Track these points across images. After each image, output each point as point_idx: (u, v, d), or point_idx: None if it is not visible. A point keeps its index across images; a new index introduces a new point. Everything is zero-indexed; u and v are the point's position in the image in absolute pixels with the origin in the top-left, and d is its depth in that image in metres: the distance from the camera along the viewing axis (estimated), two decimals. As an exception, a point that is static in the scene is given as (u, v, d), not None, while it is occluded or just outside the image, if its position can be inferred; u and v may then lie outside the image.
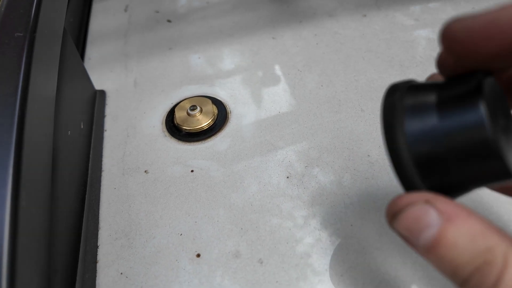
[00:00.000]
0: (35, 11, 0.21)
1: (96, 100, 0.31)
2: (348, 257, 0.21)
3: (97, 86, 0.32)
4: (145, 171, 0.26)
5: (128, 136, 0.28)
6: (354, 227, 0.22)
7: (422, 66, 0.30)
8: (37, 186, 0.18)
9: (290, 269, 0.21)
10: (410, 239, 0.13)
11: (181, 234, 0.23)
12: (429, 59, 0.31)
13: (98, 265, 0.22)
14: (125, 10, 0.42)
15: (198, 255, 0.22)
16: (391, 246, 0.21)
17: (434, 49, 0.31)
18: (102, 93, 0.32)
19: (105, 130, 0.29)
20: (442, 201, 0.12)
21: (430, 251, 0.12)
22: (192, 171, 0.25)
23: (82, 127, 0.27)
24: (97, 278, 0.21)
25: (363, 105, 0.28)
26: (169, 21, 0.39)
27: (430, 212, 0.12)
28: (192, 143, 0.27)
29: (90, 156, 0.26)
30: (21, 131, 0.17)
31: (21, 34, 0.19)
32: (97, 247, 0.23)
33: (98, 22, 0.41)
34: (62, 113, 0.24)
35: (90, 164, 0.26)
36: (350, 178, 0.24)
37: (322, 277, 0.20)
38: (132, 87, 0.32)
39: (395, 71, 0.30)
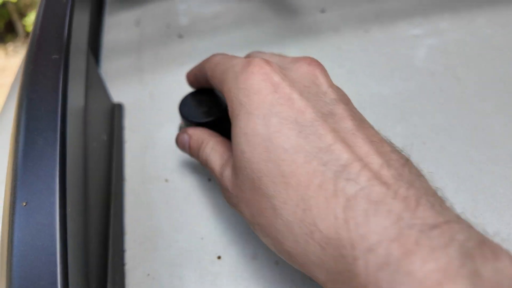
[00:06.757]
0: (68, 33, 0.23)
1: (115, 113, 0.33)
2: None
3: (114, 99, 0.34)
4: (165, 180, 0.28)
5: (147, 147, 0.30)
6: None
7: (422, 78, 0.32)
8: (76, 194, 0.20)
9: (304, 269, 0.22)
10: (186, 151, 0.25)
11: (202, 238, 0.24)
12: (428, 71, 0.33)
13: (126, 267, 0.23)
14: (137, 25, 0.44)
15: (219, 257, 0.23)
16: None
17: (433, 61, 0.33)
18: (120, 106, 0.33)
19: (125, 142, 0.30)
20: (190, 129, 0.25)
21: (189, 152, 0.25)
22: (209, 179, 0.27)
23: (105, 139, 0.28)
24: (126, 279, 0.23)
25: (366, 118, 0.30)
26: (180, 36, 0.41)
27: (184, 135, 0.25)
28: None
29: (113, 166, 0.28)
30: (64, 144, 0.19)
31: (57, 57, 0.21)
32: (124, 251, 0.24)
33: (111, 36, 0.43)
34: (88, 126, 0.25)
35: (113, 174, 0.27)
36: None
37: (334, 276, 0.22)
38: (148, 100, 0.34)
39: (396, 84, 0.32)
